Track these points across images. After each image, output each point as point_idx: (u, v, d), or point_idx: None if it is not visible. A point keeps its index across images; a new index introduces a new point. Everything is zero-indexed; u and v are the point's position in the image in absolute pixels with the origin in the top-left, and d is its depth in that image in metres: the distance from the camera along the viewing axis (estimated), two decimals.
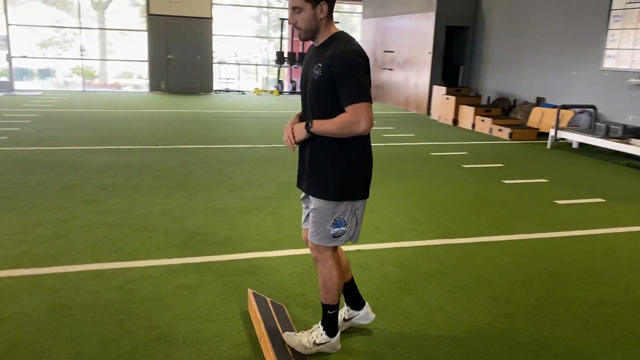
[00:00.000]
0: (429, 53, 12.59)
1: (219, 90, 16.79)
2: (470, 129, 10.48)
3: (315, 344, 2.51)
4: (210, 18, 15.75)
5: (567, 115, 9.54)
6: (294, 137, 2.37)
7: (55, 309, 2.90)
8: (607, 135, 7.89)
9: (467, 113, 10.64)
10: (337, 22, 18.95)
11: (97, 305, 2.97)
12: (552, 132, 8.66)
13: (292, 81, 17.66)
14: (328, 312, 2.51)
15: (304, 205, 2.61)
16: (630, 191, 6.01)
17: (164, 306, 2.99)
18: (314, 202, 2.41)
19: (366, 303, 2.78)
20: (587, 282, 3.52)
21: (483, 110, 10.52)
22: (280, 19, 17.29)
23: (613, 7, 8.81)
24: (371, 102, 2.23)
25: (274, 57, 17.70)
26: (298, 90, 17.47)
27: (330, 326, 2.52)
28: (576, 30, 9.58)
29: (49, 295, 3.06)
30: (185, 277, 3.37)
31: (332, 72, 2.22)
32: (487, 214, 4.94)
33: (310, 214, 2.44)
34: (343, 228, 2.40)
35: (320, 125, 2.29)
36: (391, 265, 3.67)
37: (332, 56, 2.23)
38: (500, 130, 9.66)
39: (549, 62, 10.30)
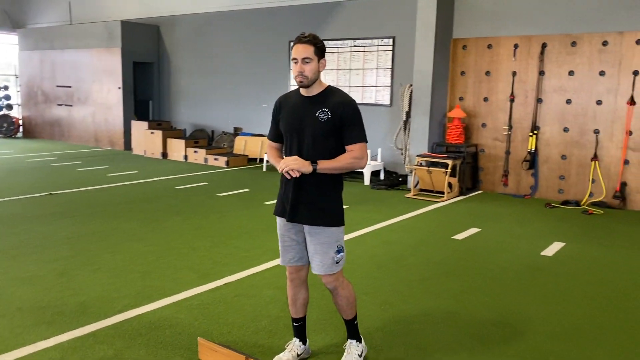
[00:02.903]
0: (119, 88, 12.43)
1: None
2: (183, 160, 10.94)
3: (360, 356, 2.90)
4: None
5: (267, 141, 11.05)
6: (290, 166, 2.61)
7: None
8: None
9: (177, 146, 11.06)
10: None
11: None
12: (266, 157, 9.96)
13: None
14: (355, 322, 2.92)
15: (287, 244, 2.84)
16: (357, 197, 7.65)
17: None
18: (318, 233, 2.72)
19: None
20: (399, 265, 4.65)
21: (192, 142, 11.14)
22: None
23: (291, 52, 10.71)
24: None
25: None
26: None
27: (358, 333, 2.94)
28: (263, 68, 11.18)
29: None
30: (93, 351, 3.02)
31: (343, 116, 2.66)
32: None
33: (314, 249, 2.74)
34: (343, 253, 2.80)
35: (327, 164, 2.65)
36: (268, 289, 4.04)
37: (341, 103, 2.68)
38: (216, 159, 10.46)
39: (242, 95, 11.65)
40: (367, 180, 8.70)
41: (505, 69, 8.04)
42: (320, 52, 2.69)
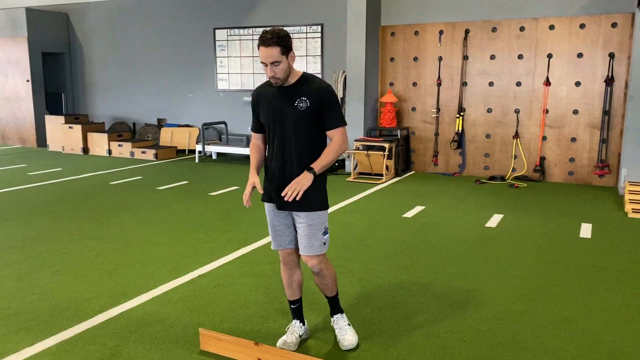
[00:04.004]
0: (27, 81, 11.59)
1: None
2: (107, 155, 10.46)
3: (349, 325, 3.06)
4: None
5: (194, 132, 10.83)
6: (299, 189, 2.65)
7: None
8: (247, 145, 9.58)
9: (100, 140, 10.54)
10: None
11: None
12: (199, 148, 9.76)
13: None
14: (337, 297, 3.04)
15: (277, 229, 2.90)
16: None
17: None
18: (307, 218, 2.79)
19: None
20: (363, 245, 4.83)
21: (115, 135, 10.66)
22: None
23: (217, 39, 10.52)
24: None
25: None
26: None
27: (339, 306, 3.08)
28: (187, 56, 10.89)
29: None
30: (86, 352, 2.91)
31: (322, 103, 2.72)
32: (241, 221, 5.65)
33: (303, 231, 2.80)
34: (327, 235, 2.89)
35: (321, 163, 2.72)
36: (245, 277, 4.06)
37: (319, 90, 2.73)
38: (143, 152, 10.09)
39: (165, 85, 11.29)
40: None
41: (432, 54, 8.45)
42: (287, 48, 2.66)
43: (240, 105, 10.46)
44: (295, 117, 2.75)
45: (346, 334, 3.00)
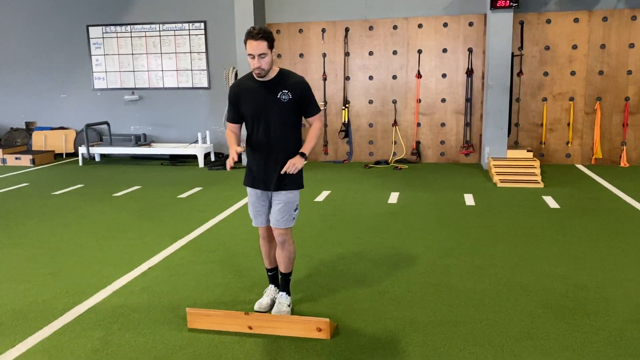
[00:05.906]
0: None
1: None
2: None
3: (289, 305, 3.36)
4: None
5: (70, 134, 10.31)
6: (292, 170, 3.10)
7: None
8: (136, 144, 9.40)
9: None
10: None
11: None
12: (82, 150, 9.33)
13: None
14: (289, 277, 3.40)
15: (258, 209, 3.27)
16: (203, 180, 7.88)
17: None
18: (284, 196, 3.20)
19: None
20: None
21: None
22: None
23: (91, 36, 10.10)
24: None
25: None
26: None
27: (289, 287, 3.42)
28: (57, 56, 10.26)
29: None
30: (77, 345, 3.00)
31: (302, 94, 3.15)
32: (163, 218, 5.74)
33: (280, 207, 3.20)
34: (297, 211, 3.31)
35: (309, 147, 3.18)
36: (196, 265, 4.27)
37: (297, 84, 3.16)
38: (18, 158, 9.40)
39: (33, 87, 10.53)
40: (201, 162, 8.94)
41: (316, 51, 9.06)
42: (272, 43, 3.07)
43: (122, 104, 10.18)
44: (278, 107, 3.13)
45: (282, 309, 3.31)
